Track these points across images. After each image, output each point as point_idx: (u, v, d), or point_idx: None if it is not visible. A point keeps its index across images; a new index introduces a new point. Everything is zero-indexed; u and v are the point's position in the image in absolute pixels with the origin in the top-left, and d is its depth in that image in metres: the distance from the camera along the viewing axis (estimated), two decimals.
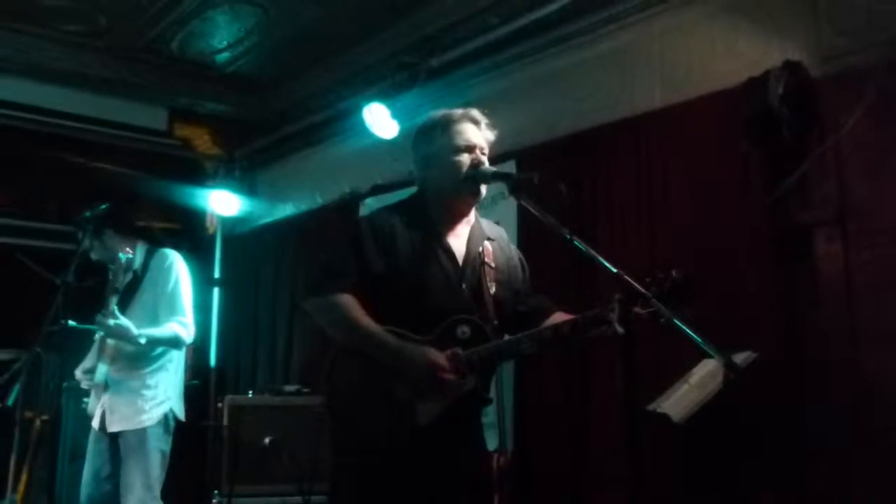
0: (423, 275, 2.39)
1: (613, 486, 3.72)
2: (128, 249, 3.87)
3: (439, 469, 2.32)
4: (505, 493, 3.65)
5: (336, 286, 2.37)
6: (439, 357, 2.27)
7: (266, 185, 6.90)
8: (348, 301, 2.35)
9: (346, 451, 2.41)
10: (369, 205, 5.52)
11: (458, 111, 2.54)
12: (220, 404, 4.90)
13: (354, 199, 5.72)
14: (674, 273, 2.17)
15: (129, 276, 3.94)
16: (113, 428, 3.79)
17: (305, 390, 5.07)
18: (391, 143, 5.08)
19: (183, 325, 3.86)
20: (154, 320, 3.82)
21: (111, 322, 3.64)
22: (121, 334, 3.68)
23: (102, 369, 3.86)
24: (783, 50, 3.47)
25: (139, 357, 3.82)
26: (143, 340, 3.70)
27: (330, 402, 2.41)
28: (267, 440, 4.60)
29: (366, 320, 2.33)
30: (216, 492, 4.65)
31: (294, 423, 4.71)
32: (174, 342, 3.85)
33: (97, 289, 4.21)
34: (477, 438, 2.51)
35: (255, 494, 4.60)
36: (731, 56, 3.69)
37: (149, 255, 3.98)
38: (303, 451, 4.57)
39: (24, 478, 4.90)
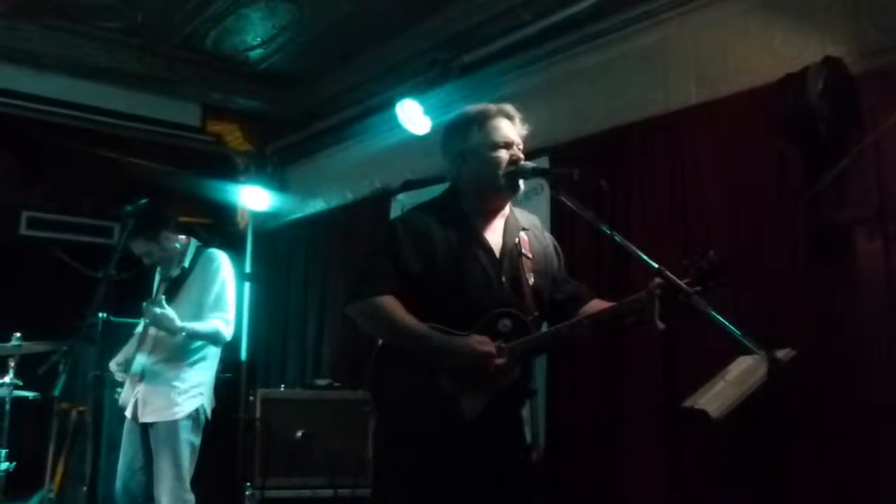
0: (461, 271, 2.41)
1: (645, 486, 3.72)
2: (182, 238, 4.02)
3: (486, 463, 2.34)
4: (536, 489, 3.65)
5: (376, 289, 2.39)
6: (486, 344, 2.29)
7: (297, 181, 6.95)
8: (389, 302, 2.37)
9: (392, 448, 2.42)
10: (400, 200, 5.55)
11: (493, 107, 2.55)
12: (251, 398, 4.95)
13: (385, 194, 5.75)
14: (711, 253, 2.18)
15: (178, 270, 4.02)
16: (145, 419, 3.86)
17: (337, 385, 5.11)
18: (422, 139, 5.10)
19: (225, 322, 3.93)
20: (197, 317, 3.89)
21: (157, 310, 3.71)
22: (164, 324, 3.75)
23: (140, 360, 3.92)
24: (822, 46, 3.43)
25: (178, 350, 3.89)
26: (183, 333, 3.77)
27: (375, 400, 2.44)
28: (299, 433, 4.64)
29: (409, 318, 2.34)
30: (248, 484, 4.70)
31: (325, 416, 4.76)
32: (214, 337, 3.91)
33: (135, 282, 4.28)
34: (520, 432, 2.52)
35: (286, 487, 4.65)
36: (768, 52, 3.65)
37: (197, 254, 4.06)
38: (334, 445, 4.62)
39: (60, 469, 4.99)
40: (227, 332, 3.96)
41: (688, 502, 3.51)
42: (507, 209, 2.57)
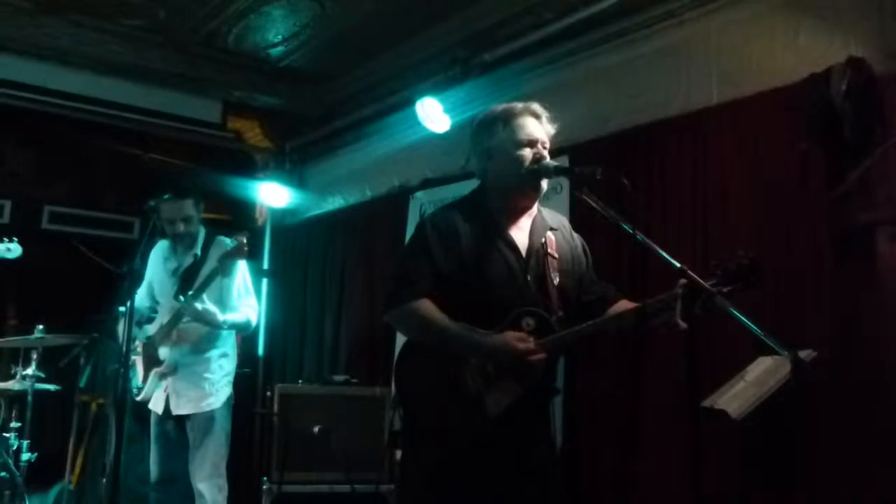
0: (487, 269, 2.43)
1: (664, 486, 3.71)
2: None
3: (509, 461, 2.35)
4: (559, 488, 3.64)
5: (412, 294, 2.42)
6: (525, 340, 2.31)
7: (316, 178, 6.97)
8: (426, 306, 2.39)
9: (416, 445, 2.45)
10: (419, 198, 5.56)
11: (519, 105, 2.56)
12: (269, 393, 4.98)
13: (404, 192, 5.77)
14: (741, 253, 2.17)
15: (191, 258, 4.07)
16: (180, 411, 3.91)
17: (354, 380, 5.13)
18: (442, 137, 5.11)
19: (255, 311, 4.06)
20: (220, 303, 3.95)
21: (200, 306, 3.77)
22: (207, 319, 3.82)
23: (164, 352, 3.97)
24: (846, 46, 3.40)
25: (204, 341, 3.94)
26: (225, 326, 3.86)
27: (401, 398, 2.47)
28: (316, 429, 4.66)
29: (444, 320, 2.37)
30: (265, 479, 4.72)
31: (342, 412, 4.77)
32: (246, 326, 4.03)
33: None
34: (546, 430, 2.53)
35: (303, 482, 4.66)
36: (792, 52, 3.63)
37: (208, 241, 4.10)
38: (351, 440, 4.64)
39: (79, 461, 5.05)
40: (255, 320, 4.09)
41: (707, 503, 3.51)
42: (534, 209, 2.58)
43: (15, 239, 4.00)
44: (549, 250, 2.51)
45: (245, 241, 3.85)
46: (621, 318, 2.37)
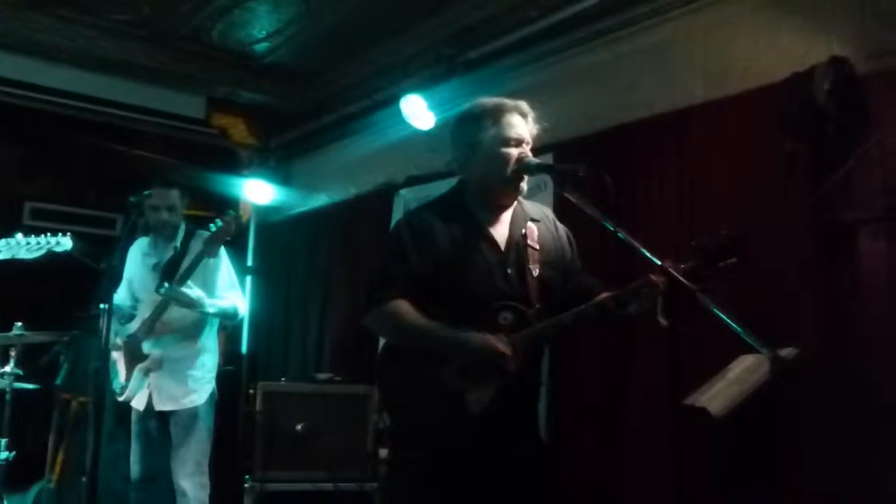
0: (465, 266, 2.42)
1: (647, 483, 3.71)
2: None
3: (496, 459, 2.34)
4: (546, 485, 3.64)
5: (387, 295, 2.41)
6: (499, 340, 2.30)
7: (301, 175, 6.95)
8: (401, 306, 2.39)
9: (400, 447, 2.45)
10: (403, 196, 5.55)
11: (510, 102, 2.55)
12: (252, 391, 4.95)
13: (389, 190, 5.75)
14: (722, 234, 2.18)
15: (171, 251, 4.04)
16: (163, 407, 3.88)
17: (338, 379, 5.11)
18: (426, 135, 5.10)
19: (243, 300, 4.05)
20: (205, 290, 3.93)
21: (187, 291, 3.76)
22: (194, 304, 3.80)
23: (147, 348, 3.94)
24: (829, 45, 3.42)
25: (186, 331, 3.92)
26: (212, 310, 3.84)
27: (384, 401, 2.47)
28: (299, 427, 4.64)
29: (421, 320, 2.37)
30: (248, 477, 4.70)
31: (327, 410, 4.75)
32: (234, 314, 4.02)
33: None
34: (531, 427, 2.52)
35: (287, 480, 4.65)
36: (775, 51, 3.64)
37: (188, 235, 4.08)
38: (335, 439, 4.62)
39: (60, 459, 5.00)
40: (243, 310, 4.10)
41: (690, 501, 3.51)
42: (513, 203, 2.57)
43: (68, 233, 3.87)
44: (528, 242, 2.50)
45: (231, 219, 3.82)
46: (598, 305, 2.36)
